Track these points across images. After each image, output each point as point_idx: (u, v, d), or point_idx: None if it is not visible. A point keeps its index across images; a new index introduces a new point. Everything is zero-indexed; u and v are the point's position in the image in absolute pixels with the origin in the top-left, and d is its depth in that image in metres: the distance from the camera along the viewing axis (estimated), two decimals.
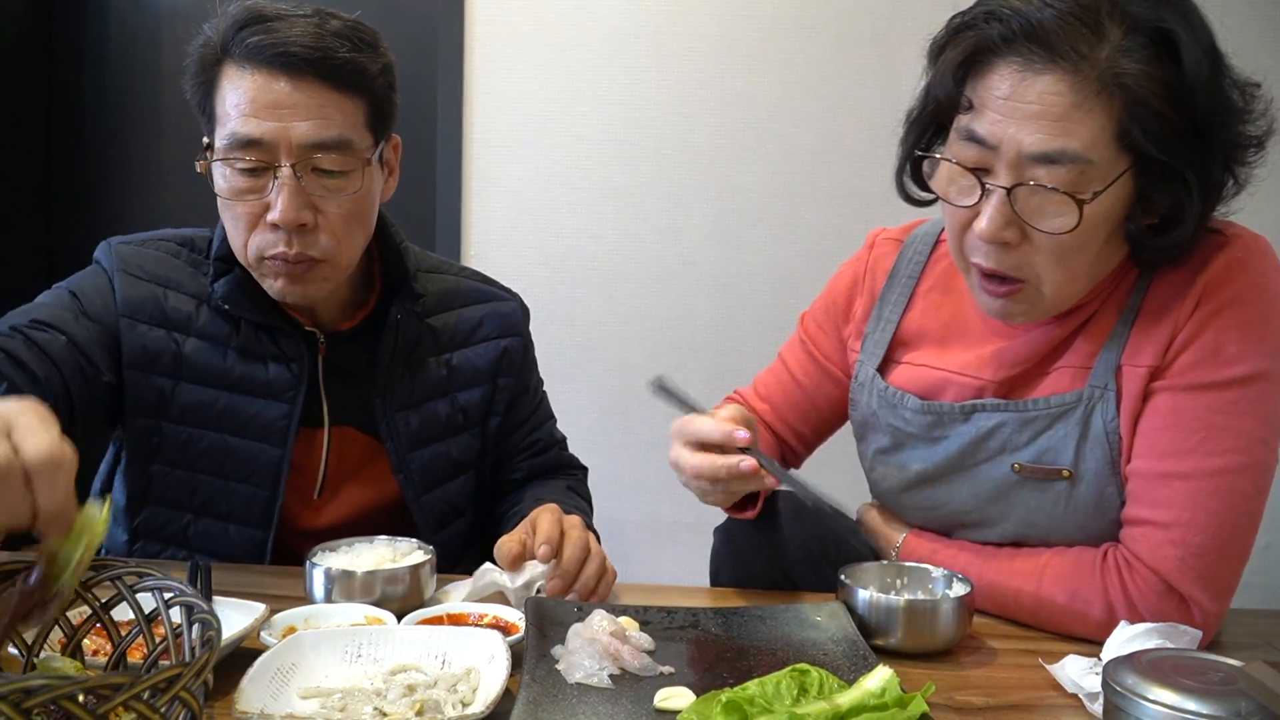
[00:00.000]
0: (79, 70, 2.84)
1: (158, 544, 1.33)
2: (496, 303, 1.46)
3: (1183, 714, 0.75)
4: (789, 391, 1.40)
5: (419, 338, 1.37)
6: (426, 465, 1.36)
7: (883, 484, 1.28)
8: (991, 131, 1.03)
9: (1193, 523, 1.05)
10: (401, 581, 1.09)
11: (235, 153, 1.17)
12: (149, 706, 0.60)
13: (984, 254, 1.08)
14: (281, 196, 1.17)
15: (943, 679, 0.99)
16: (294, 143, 1.17)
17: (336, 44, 1.18)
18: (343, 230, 1.23)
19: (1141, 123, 0.99)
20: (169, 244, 1.34)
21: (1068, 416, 1.11)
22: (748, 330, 2.62)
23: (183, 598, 0.77)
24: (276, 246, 1.20)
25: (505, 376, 1.43)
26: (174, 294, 1.30)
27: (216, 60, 1.20)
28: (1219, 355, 1.06)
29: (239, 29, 1.18)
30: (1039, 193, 1.02)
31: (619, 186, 2.62)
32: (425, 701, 0.84)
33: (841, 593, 1.09)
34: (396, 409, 1.34)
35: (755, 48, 2.57)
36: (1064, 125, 0.99)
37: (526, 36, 2.59)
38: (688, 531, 2.55)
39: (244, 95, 1.17)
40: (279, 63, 1.16)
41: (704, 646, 1.02)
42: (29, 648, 0.81)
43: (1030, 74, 1.01)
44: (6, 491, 0.69)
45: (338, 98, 1.19)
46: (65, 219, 2.88)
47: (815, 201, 2.59)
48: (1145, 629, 0.97)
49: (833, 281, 1.40)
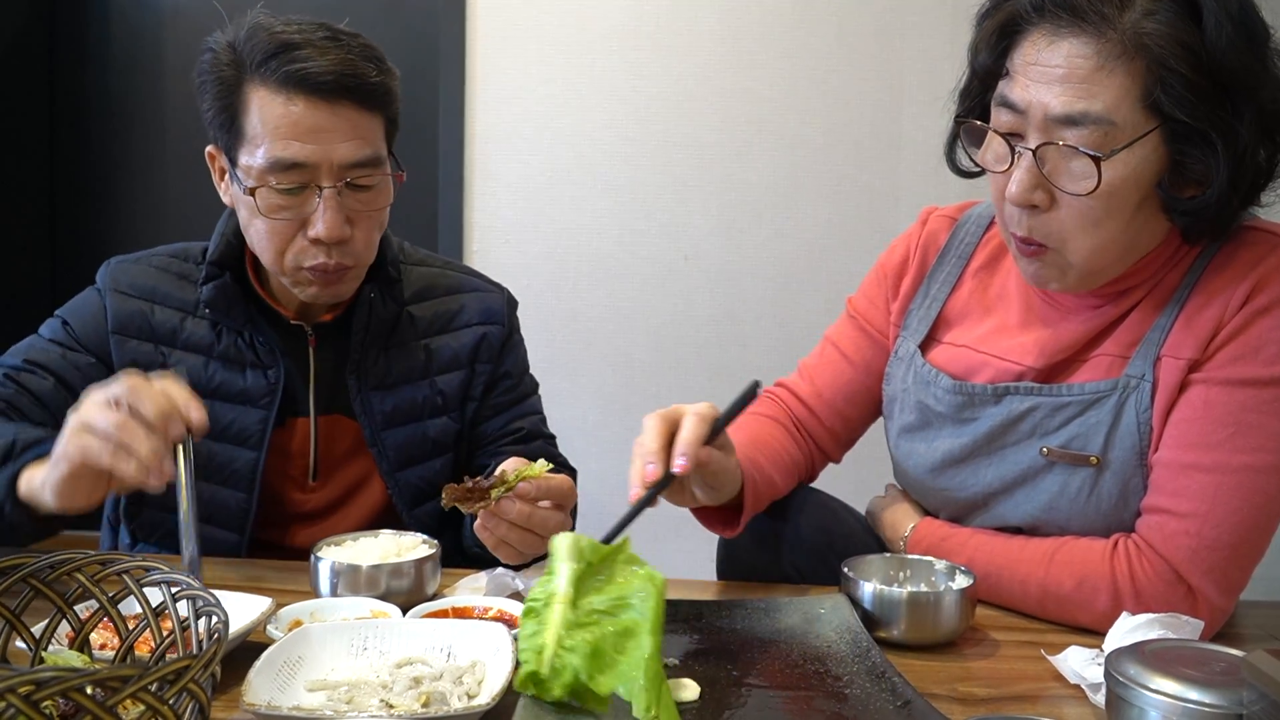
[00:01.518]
0: (81, 69, 2.85)
1: (155, 544, 1.38)
2: (480, 293, 1.50)
3: (1185, 704, 0.75)
4: (838, 372, 1.36)
5: (396, 323, 1.41)
6: (401, 445, 1.40)
7: (907, 462, 1.27)
8: (1021, 96, 1.05)
9: (1210, 516, 1.05)
10: (407, 575, 1.10)
11: (276, 175, 1.22)
12: (158, 699, 0.60)
13: (1017, 220, 1.09)
14: (327, 215, 1.24)
15: (946, 671, 0.99)
16: (335, 163, 1.23)
17: (368, 68, 1.25)
18: (372, 236, 1.31)
19: (1164, 85, 0.99)
20: (161, 257, 1.40)
21: (1101, 404, 1.11)
22: (750, 325, 2.62)
23: (189, 591, 0.77)
24: (316, 258, 1.26)
25: (483, 363, 1.47)
26: (160, 308, 1.35)
27: (238, 80, 1.24)
28: (1260, 353, 1.05)
29: (271, 55, 1.21)
30: (1063, 154, 1.03)
31: (621, 182, 2.62)
32: (431, 694, 0.84)
33: (845, 585, 1.09)
34: (371, 388, 1.38)
35: (757, 43, 2.57)
36: (1087, 87, 1.01)
37: (528, 32, 2.59)
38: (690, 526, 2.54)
39: (283, 120, 1.21)
40: (319, 89, 1.21)
41: (707, 639, 1.02)
42: (36, 641, 0.82)
43: (1058, 38, 1.03)
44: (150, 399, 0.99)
45: (367, 117, 1.26)
46: (67, 217, 2.89)
47: (817, 196, 2.59)
48: (1147, 619, 0.97)
49: (883, 256, 1.38)
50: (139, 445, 0.97)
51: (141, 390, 1.01)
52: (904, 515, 1.28)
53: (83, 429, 1.00)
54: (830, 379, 1.37)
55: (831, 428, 1.37)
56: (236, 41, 1.24)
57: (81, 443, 1.00)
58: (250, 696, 0.79)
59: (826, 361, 1.38)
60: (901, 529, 1.26)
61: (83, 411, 1.01)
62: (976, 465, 1.19)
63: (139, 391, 1.00)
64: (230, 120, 1.25)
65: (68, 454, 1.01)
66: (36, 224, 2.86)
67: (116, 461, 0.98)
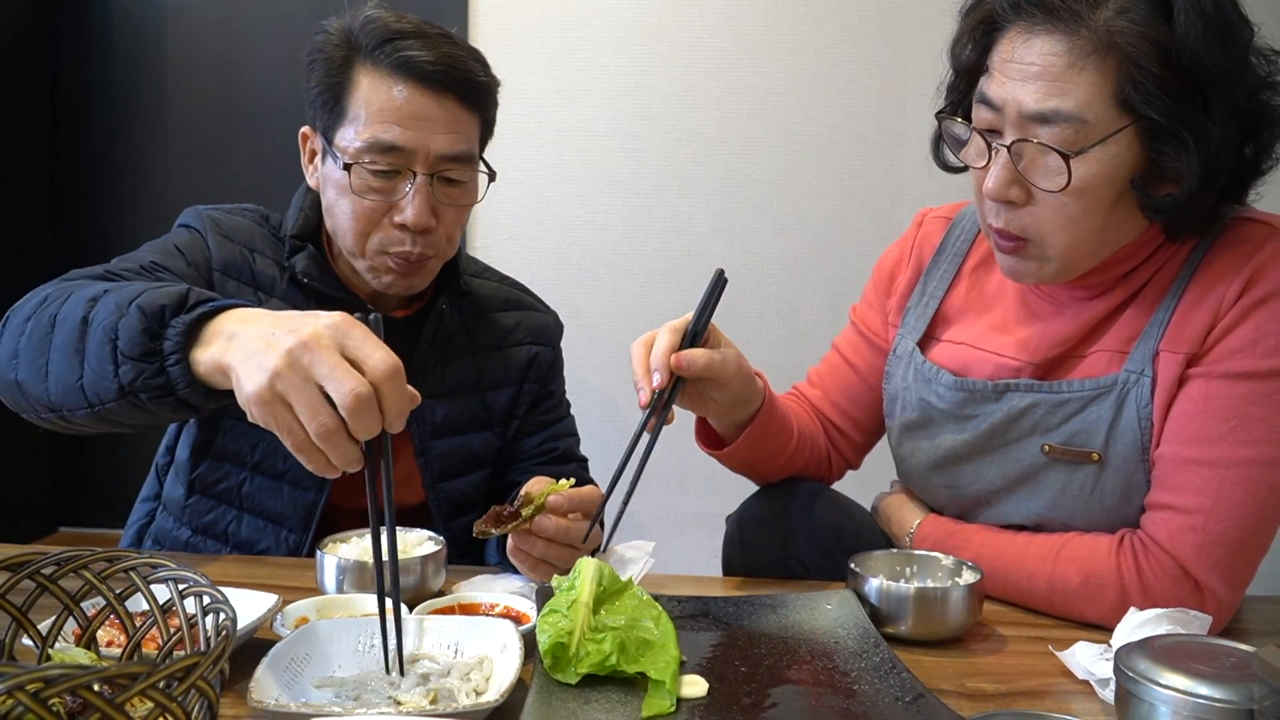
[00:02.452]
0: (82, 66, 2.84)
1: (210, 500, 1.37)
2: (533, 312, 1.54)
3: (1195, 699, 0.75)
4: (841, 375, 1.41)
5: (455, 333, 1.43)
6: (446, 455, 1.41)
7: (910, 460, 1.28)
8: (998, 93, 1.06)
9: (1215, 510, 1.05)
10: (413, 572, 1.10)
11: (373, 155, 1.24)
12: (166, 696, 0.60)
13: (995, 213, 1.11)
14: (416, 202, 1.26)
15: (953, 666, 0.99)
16: (432, 153, 1.26)
17: (474, 67, 1.29)
18: (453, 232, 1.33)
19: (1136, 83, 1.00)
20: (252, 213, 1.41)
21: (1101, 400, 1.11)
22: (753, 320, 2.61)
23: (196, 588, 0.77)
24: (402, 245, 1.28)
25: (532, 382, 1.50)
26: (260, 257, 1.36)
27: (348, 62, 1.26)
28: (1258, 345, 1.05)
29: (385, 40, 1.24)
30: (1038, 150, 1.04)
31: (624, 177, 2.62)
32: (439, 690, 0.84)
33: (852, 581, 1.09)
34: (426, 395, 1.35)
35: (761, 38, 2.56)
36: (1059, 85, 1.02)
37: (531, 28, 2.59)
38: (695, 522, 2.55)
39: (389, 103, 1.24)
40: (427, 78, 1.25)
41: (714, 634, 1.02)
42: (44, 639, 0.82)
43: (1033, 36, 1.04)
44: (369, 415, 0.81)
45: (466, 114, 1.29)
46: (70, 213, 2.89)
47: (821, 191, 2.59)
48: (1155, 614, 0.97)
49: (880, 261, 1.41)
50: (334, 453, 0.82)
51: (370, 404, 0.81)
52: (910, 511, 1.28)
53: (274, 398, 0.82)
54: (834, 382, 1.41)
55: (845, 431, 1.41)
56: (351, 26, 1.27)
57: (273, 415, 0.83)
58: (258, 693, 0.79)
59: (833, 368, 1.42)
60: (908, 525, 1.26)
61: (290, 378, 0.82)
62: (979, 463, 1.19)
63: (368, 405, 0.81)
64: (334, 100, 1.27)
65: (254, 405, 0.84)
66: (38, 222, 2.86)
67: (303, 454, 0.83)
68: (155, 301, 0.95)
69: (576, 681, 0.88)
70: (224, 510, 1.36)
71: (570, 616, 0.91)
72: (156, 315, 0.94)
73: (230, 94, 2.74)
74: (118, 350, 0.95)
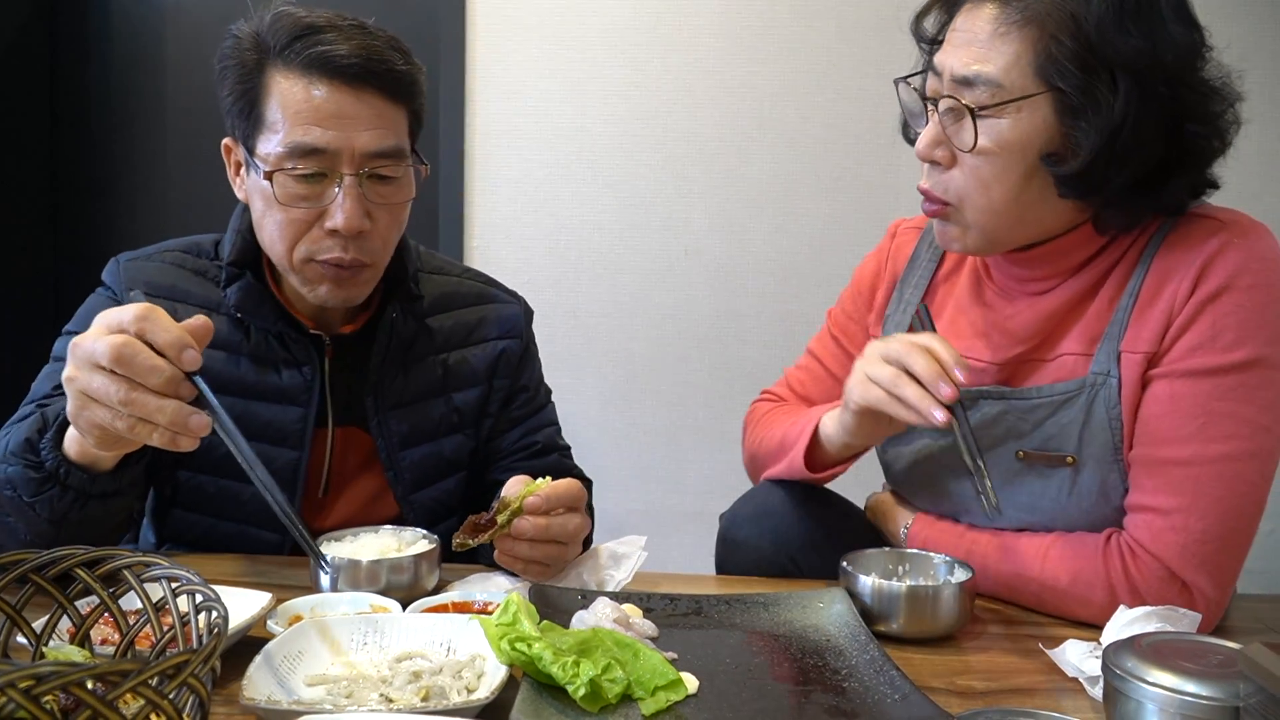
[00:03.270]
0: (82, 65, 2.85)
1: (184, 547, 1.34)
2: (497, 304, 1.46)
3: (1182, 697, 0.75)
4: (822, 383, 1.41)
5: (415, 338, 1.37)
6: (417, 464, 1.36)
7: (894, 466, 1.29)
8: (939, 59, 1.12)
9: (1194, 509, 1.05)
10: (406, 570, 1.10)
11: (295, 160, 1.18)
12: (158, 693, 0.61)
13: (925, 175, 1.15)
14: (345, 205, 1.19)
15: (945, 664, 0.99)
16: (357, 151, 1.19)
17: (394, 57, 1.22)
18: (390, 235, 1.26)
19: (1049, 54, 1.05)
20: (174, 254, 1.35)
21: (1071, 404, 1.12)
22: (751, 320, 2.62)
23: (189, 586, 0.78)
24: (332, 251, 1.21)
25: (501, 378, 1.43)
26: (183, 307, 1.29)
27: (260, 65, 1.21)
28: (1217, 341, 1.06)
29: (295, 38, 1.18)
30: (956, 111, 1.10)
31: (621, 177, 2.62)
32: (430, 688, 0.84)
33: (844, 579, 1.09)
34: (389, 407, 1.34)
35: (758, 37, 2.57)
36: (983, 51, 1.08)
37: (529, 27, 2.59)
38: (690, 521, 2.55)
39: (305, 104, 1.18)
40: (343, 73, 1.18)
41: (707, 632, 1.03)
42: (37, 636, 0.82)
43: (975, 8, 1.10)
44: (142, 356, 0.91)
45: (391, 107, 1.22)
46: (70, 213, 2.89)
47: (818, 191, 2.59)
48: (1144, 612, 0.97)
49: (858, 271, 1.42)
50: (151, 412, 0.92)
51: (132, 345, 0.92)
52: (902, 510, 1.29)
53: (84, 398, 0.94)
54: (817, 390, 1.42)
55: None
56: (260, 28, 1.21)
57: (93, 417, 0.94)
58: (250, 691, 0.79)
59: (810, 375, 1.43)
60: (901, 523, 1.26)
61: (80, 377, 0.94)
62: (956, 469, 1.20)
63: (131, 347, 0.92)
64: (250, 107, 1.21)
65: (85, 424, 0.96)
66: (38, 222, 2.86)
67: (138, 434, 0.94)
68: (19, 440, 1.07)
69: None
70: (201, 553, 1.33)
71: (527, 643, 0.87)
72: (29, 450, 1.06)
73: None
74: (22, 499, 1.06)
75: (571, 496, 1.12)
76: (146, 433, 0.94)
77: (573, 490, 1.12)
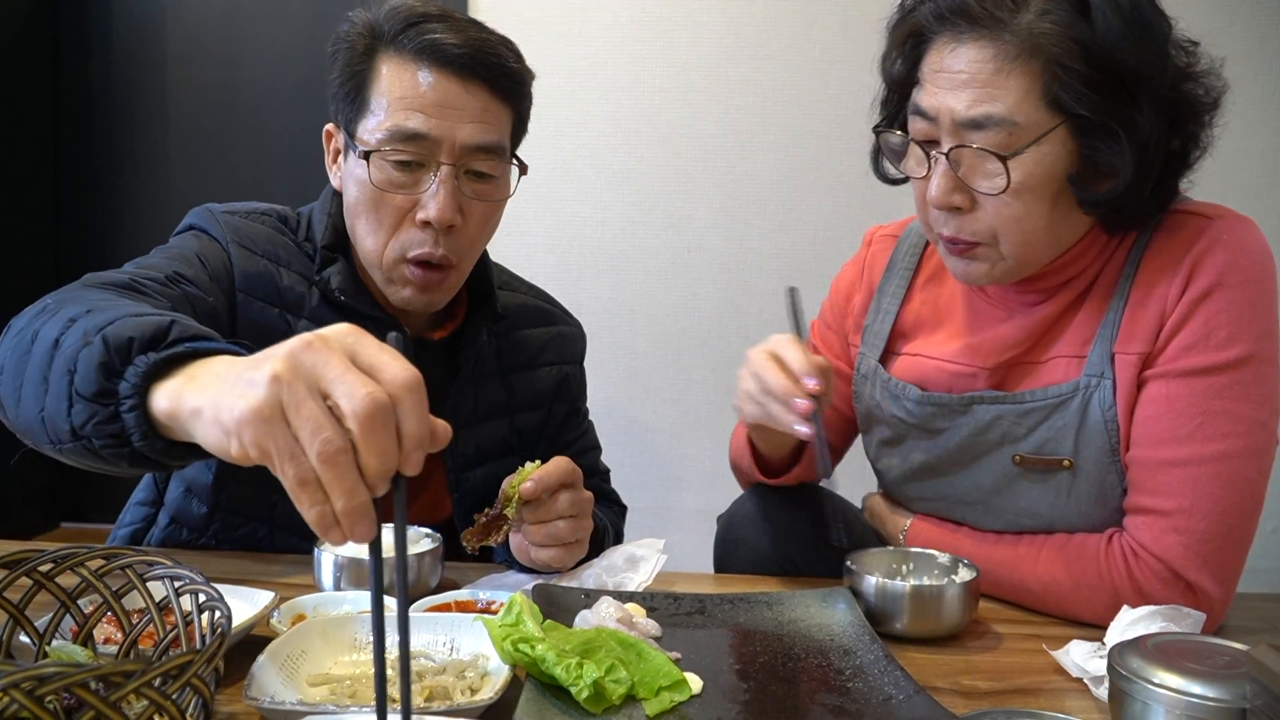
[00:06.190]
0: (85, 61, 2.84)
1: (239, 518, 1.29)
2: (561, 327, 1.47)
3: (1188, 698, 0.75)
4: None
5: (491, 355, 1.36)
6: (479, 485, 1.34)
7: (888, 475, 1.29)
8: (930, 103, 1.08)
9: (1194, 509, 1.05)
10: (410, 569, 1.10)
11: (395, 144, 1.16)
12: (161, 694, 0.61)
13: (943, 221, 1.12)
14: (440, 195, 1.17)
15: (949, 664, 0.99)
16: (458, 143, 1.17)
17: (505, 53, 1.21)
18: (479, 235, 1.25)
19: (1062, 82, 1.02)
20: (269, 219, 1.30)
21: (1065, 406, 1.11)
22: (753, 317, 2.61)
23: (192, 586, 0.78)
24: (423, 246, 1.19)
25: (561, 403, 1.43)
26: (286, 272, 1.25)
27: (371, 50, 1.19)
28: (1210, 339, 1.06)
29: (408, 25, 1.17)
30: (976, 156, 1.06)
31: (624, 174, 2.61)
32: (434, 688, 0.84)
33: (848, 578, 1.09)
34: (460, 426, 1.29)
35: (760, 34, 2.56)
36: (988, 90, 1.04)
37: (531, 23, 2.58)
38: (693, 519, 2.55)
39: (411, 89, 1.16)
40: (452, 63, 1.17)
41: (710, 632, 1.03)
42: (40, 636, 0.82)
43: (959, 45, 1.06)
44: (385, 433, 0.62)
45: (497, 104, 1.21)
46: (72, 209, 2.89)
47: (821, 188, 2.59)
48: (1149, 612, 0.97)
49: (835, 281, 1.42)
50: (339, 495, 0.63)
51: (375, 401, 0.62)
52: (901, 511, 1.29)
53: (274, 414, 0.64)
54: None
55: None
56: (376, 16, 1.20)
57: (271, 436, 0.64)
58: (253, 691, 0.79)
59: None
60: (900, 524, 1.26)
61: (292, 387, 0.64)
62: (952, 476, 1.20)
63: (374, 400, 0.62)
64: (356, 91, 1.20)
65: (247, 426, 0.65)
66: (40, 218, 2.86)
67: (304, 491, 0.63)
68: (123, 333, 0.80)
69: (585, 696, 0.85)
70: (254, 526, 1.29)
71: (531, 644, 0.86)
72: (121, 349, 0.79)
73: (232, 89, 2.74)
74: (73, 386, 0.81)
75: (563, 473, 1.12)
76: (310, 494, 0.64)
77: (563, 468, 1.12)
